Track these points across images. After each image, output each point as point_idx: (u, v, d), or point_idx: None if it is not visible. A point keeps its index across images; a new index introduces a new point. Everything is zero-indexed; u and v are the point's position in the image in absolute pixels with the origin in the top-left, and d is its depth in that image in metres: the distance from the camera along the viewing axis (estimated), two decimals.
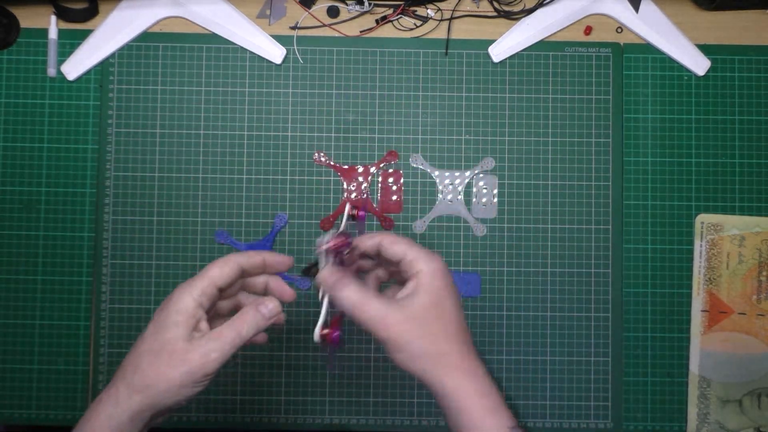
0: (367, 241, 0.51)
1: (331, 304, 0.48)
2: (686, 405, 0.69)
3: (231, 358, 0.46)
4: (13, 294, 0.69)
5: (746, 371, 0.69)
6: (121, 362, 0.47)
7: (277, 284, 0.52)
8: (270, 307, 0.49)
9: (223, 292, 0.49)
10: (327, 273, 0.49)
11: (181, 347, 0.45)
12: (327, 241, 0.50)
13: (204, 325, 0.47)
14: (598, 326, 0.69)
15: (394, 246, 0.49)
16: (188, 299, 0.46)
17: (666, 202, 0.70)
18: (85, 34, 0.70)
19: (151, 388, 0.45)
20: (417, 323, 0.46)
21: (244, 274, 0.50)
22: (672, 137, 0.71)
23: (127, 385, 0.45)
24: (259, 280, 0.52)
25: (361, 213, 0.54)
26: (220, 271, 0.48)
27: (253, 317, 0.48)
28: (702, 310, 0.70)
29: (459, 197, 0.70)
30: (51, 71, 0.69)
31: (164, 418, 0.48)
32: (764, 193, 0.70)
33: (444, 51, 0.71)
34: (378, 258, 0.52)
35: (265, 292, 0.53)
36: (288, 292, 0.52)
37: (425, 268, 0.47)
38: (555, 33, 0.71)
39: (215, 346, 0.46)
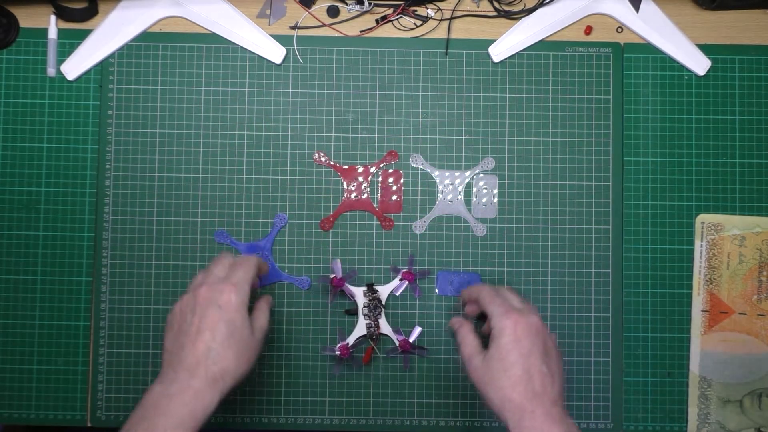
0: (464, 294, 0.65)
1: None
2: (686, 405, 0.69)
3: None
4: (13, 294, 0.69)
5: (747, 371, 0.69)
6: None
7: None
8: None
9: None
10: (457, 320, 0.62)
11: None
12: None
13: None
14: (598, 326, 0.69)
15: (479, 303, 0.61)
16: None
17: (666, 202, 0.70)
18: (84, 34, 0.70)
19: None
20: (487, 372, 0.55)
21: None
22: (672, 137, 0.71)
23: None
24: None
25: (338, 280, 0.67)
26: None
27: None
28: (702, 310, 0.69)
29: (459, 197, 0.70)
30: (51, 71, 0.69)
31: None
32: (764, 193, 0.70)
33: (444, 51, 0.71)
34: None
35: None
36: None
37: (497, 325, 0.56)
38: (555, 33, 0.71)
39: None
